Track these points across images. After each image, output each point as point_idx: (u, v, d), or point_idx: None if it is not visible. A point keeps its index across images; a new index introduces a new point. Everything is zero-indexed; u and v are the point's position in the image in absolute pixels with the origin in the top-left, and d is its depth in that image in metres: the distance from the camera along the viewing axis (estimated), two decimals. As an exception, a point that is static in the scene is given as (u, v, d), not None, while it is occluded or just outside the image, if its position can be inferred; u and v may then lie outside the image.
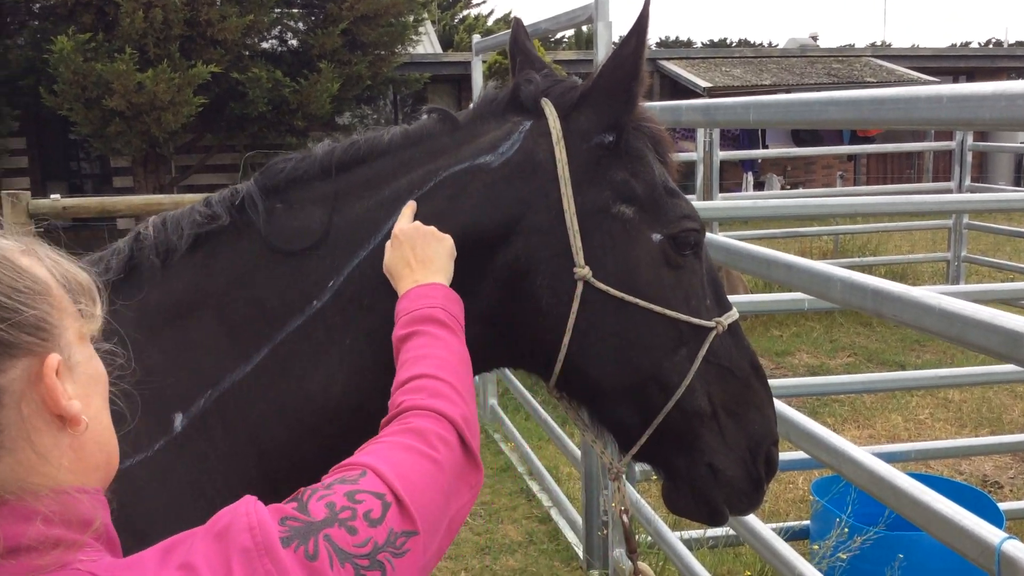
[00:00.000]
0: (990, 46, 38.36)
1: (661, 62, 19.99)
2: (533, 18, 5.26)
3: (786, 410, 2.58)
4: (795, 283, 2.43)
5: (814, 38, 25.53)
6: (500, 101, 1.74)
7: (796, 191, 16.76)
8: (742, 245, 2.76)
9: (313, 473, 1.31)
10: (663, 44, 39.97)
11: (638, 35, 1.63)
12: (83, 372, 1.06)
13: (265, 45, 15.75)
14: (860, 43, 42.85)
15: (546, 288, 1.63)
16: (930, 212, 9.77)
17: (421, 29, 18.11)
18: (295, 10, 15.80)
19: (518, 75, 1.76)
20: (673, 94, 19.26)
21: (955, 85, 1.66)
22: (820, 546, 3.68)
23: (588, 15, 4.08)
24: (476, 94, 6.47)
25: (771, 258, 2.56)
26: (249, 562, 1.01)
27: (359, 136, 1.73)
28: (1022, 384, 6.62)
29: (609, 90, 1.66)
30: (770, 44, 41.01)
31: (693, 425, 1.69)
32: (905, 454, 4.25)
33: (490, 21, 31.73)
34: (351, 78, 15.14)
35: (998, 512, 3.71)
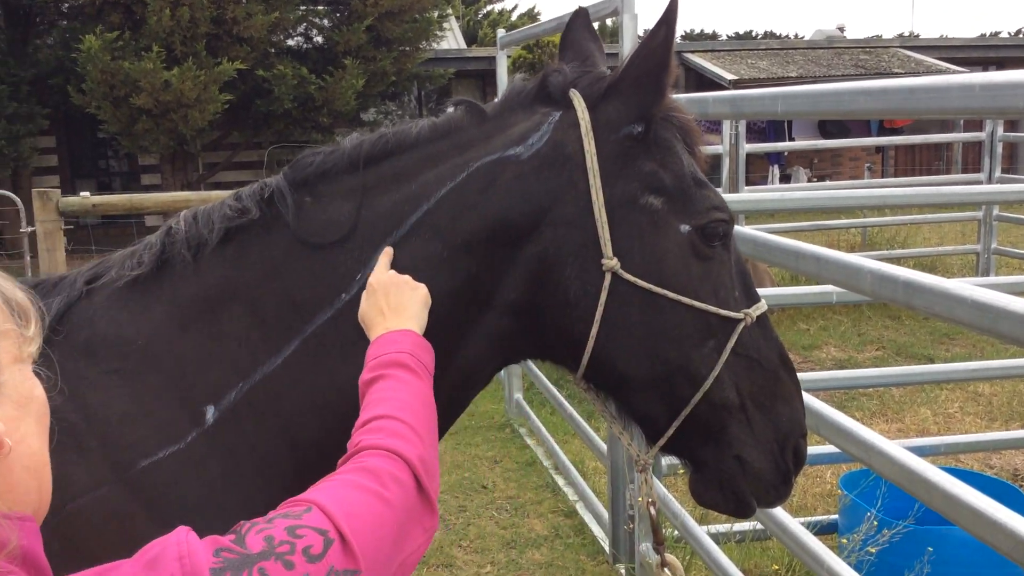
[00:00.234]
0: (1020, 36, 37.80)
1: (686, 55, 19.90)
2: (558, 11, 5.25)
3: (816, 403, 2.56)
4: (825, 275, 2.41)
5: (841, 29, 25.32)
6: (528, 93, 1.73)
7: (823, 183, 16.61)
8: (770, 237, 2.74)
9: None
10: (688, 37, 39.79)
11: (668, 25, 1.61)
12: (13, 394, 1.02)
13: (290, 42, 15.88)
14: (888, 34, 42.38)
15: (574, 280, 1.63)
16: (960, 204, 9.63)
17: (445, 25, 18.16)
18: (320, 7, 15.89)
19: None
20: (698, 87, 19.16)
21: (988, 73, 1.64)
22: (849, 540, 3.66)
23: (614, 7, 4.06)
24: (501, 89, 6.49)
25: (800, 250, 2.54)
26: None
27: (387, 129, 1.74)
28: (1054, 377, 6.53)
29: (638, 80, 1.65)
30: (796, 36, 40.65)
31: (721, 417, 1.68)
32: (935, 448, 4.21)
33: (514, 16, 31.70)
34: (376, 74, 15.21)
35: (1030, 506, 3.66)
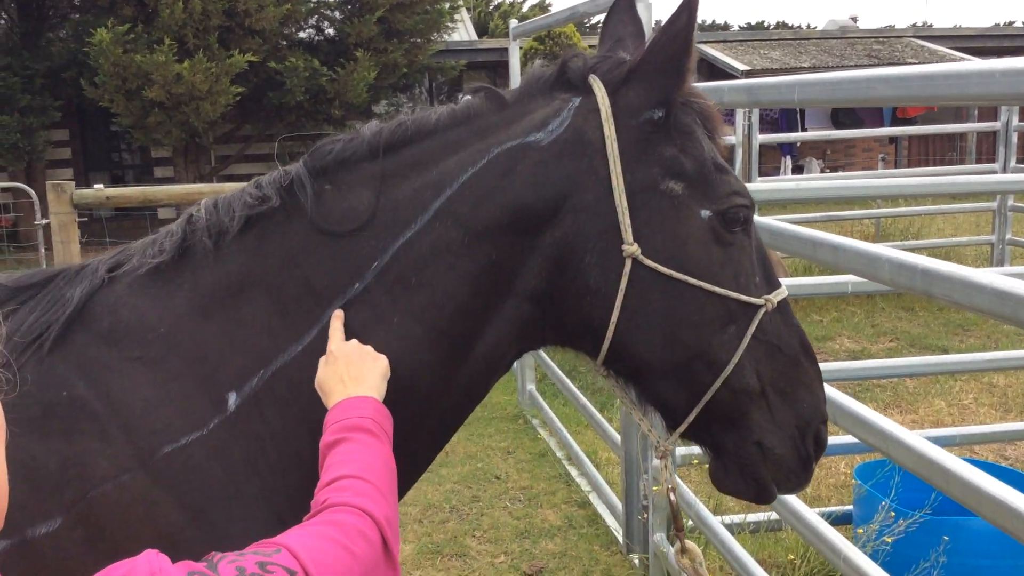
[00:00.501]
0: (1035, 25, 37.44)
1: (698, 45, 19.77)
2: (569, 1, 5.22)
3: (833, 393, 2.55)
4: (842, 264, 2.38)
5: (854, 19, 25.16)
6: (547, 79, 1.73)
7: (836, 174, 16.53)
8: (786, 226, 2.71)
9: None
10: (700, 28, 39.53)
11: (689, 10, 1.61)
12: None
13: (302, 34, 15.89)
14: (901, 24, 42.12)
15: (595, 265, 1.63)
16: (974, 194, 9.56)
17: (456, 16, 18.12)
18: (331, -1, 15.89)
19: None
20: (711, 78, 19.06)
21: (1007, 59, 1.62)
22: (865, 530, 3.65)
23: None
24: (514, 79, 6.46)
25: (816, 239, 2.52)
26: None
27: (407, 116, 1.73)
28: (1070, 368, 6.49)
29: (659, 65, 1.64)
30: (809, 26, 40.42)
31: (742, 403, 1.68)
32: (949, 439, 4.18)
33: (525, 7, 31.61)
34: (387, 66, 15.21)
35: (1045, 497, 3.65)
